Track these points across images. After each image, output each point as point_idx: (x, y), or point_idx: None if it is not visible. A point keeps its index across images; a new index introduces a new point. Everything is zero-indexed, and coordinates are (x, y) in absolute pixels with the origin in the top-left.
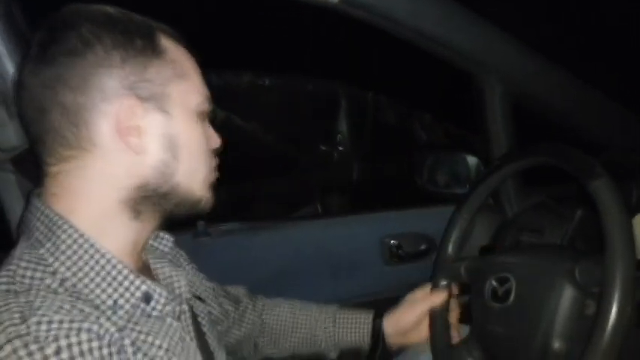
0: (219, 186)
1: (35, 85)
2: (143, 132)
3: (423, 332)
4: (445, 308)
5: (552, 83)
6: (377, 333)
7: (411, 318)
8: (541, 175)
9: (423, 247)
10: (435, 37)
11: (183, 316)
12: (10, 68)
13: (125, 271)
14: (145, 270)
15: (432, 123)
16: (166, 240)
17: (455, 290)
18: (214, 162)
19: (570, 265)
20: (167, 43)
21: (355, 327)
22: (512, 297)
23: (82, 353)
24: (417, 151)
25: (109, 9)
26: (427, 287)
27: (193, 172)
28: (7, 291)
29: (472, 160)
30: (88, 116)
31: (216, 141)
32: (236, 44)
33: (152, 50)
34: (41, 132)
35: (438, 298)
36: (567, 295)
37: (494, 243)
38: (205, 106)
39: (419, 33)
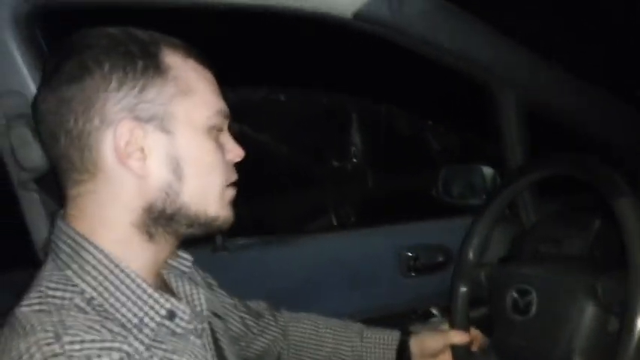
0: (235, 200)
1: (45, 112)
2: (147, 154)
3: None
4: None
5: (566, 91)
6: (404, 351)
7: (434, 346)
8: (556, 184)
9: (440, 258)
10: (449, 50)
11: (204, 334)
12: (34, 90)
13: (149, 290)
14: (165, 288)
15: (446, 133)
16: (185, 260)
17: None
18: (234, 176)
19: (592, 282)
20: (172, 60)
21: (383, 344)
22: (533, 310)
23: None
24: (434, 164)
25: (114, 31)
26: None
27: (203, 192)
28: (40, 311)
29: (488, 170)
30: (91, 141)
31: (237, 153)
32: (251, 61)
33: (154, 70)
34: (55, 157)
35: (459, 337)
36: (589, 312)
37: (513, 254)
38: (218, 119)
39: (433, 47)
